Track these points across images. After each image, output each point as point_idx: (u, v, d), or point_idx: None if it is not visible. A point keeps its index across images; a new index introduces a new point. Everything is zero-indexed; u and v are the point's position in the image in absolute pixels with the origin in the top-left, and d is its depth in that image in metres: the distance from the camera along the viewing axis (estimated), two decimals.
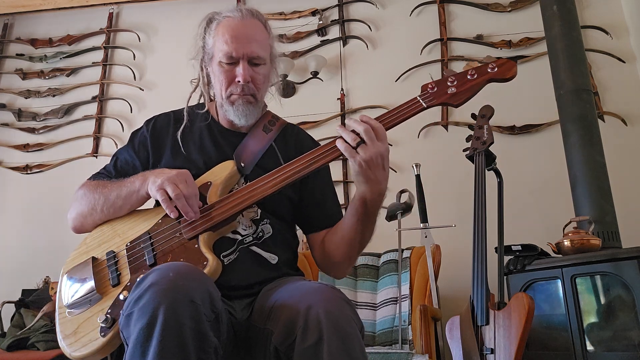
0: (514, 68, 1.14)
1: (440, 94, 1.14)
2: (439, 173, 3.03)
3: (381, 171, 1.07)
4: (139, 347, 0.83)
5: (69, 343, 1.05)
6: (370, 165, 1.04)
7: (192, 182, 1.11)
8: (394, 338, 2.27)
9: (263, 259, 1.18)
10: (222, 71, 1.22)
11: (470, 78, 1.14)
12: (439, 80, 1.16)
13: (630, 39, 3.19)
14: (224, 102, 1.25)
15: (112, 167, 1.29)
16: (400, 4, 3.52)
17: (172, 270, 0.89)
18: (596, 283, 2.11)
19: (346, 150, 1.05)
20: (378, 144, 1.04)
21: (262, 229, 1.20)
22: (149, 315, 0.83)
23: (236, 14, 1.24)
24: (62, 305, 1.13)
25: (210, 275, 1.01)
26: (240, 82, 1.21)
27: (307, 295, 0.97)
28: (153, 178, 1.11)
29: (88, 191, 1.22)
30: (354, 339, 0.91)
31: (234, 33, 1.21)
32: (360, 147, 1.04)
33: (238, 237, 1.17)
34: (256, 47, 1.22)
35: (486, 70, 1.15)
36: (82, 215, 1.22)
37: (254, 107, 1.25)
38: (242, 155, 1.24)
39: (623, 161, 2.87)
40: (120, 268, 1.11)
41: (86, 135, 3.62)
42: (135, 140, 1.31)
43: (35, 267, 3.19)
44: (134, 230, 1.16)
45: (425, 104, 1.14)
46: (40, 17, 3.99)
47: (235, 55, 1.20)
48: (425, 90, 1.16)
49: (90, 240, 1.21)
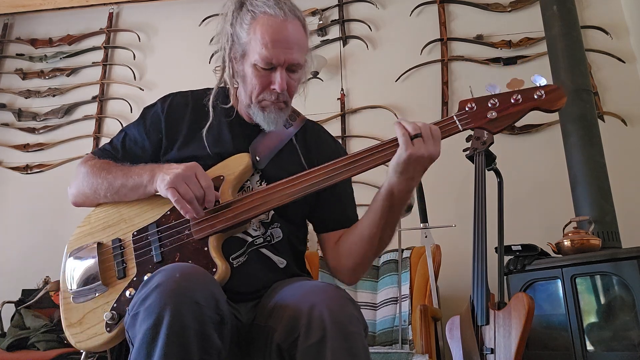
0: (563, 99, 1.04)
1: (479, 116, 1.05)
2: (439, 173, 3.01)
3: (420, 171, 1.04)
4: (145, 348, 0.83)
5: (74, 333, 1.07)
6: (417, 161, 1.01)
7: (203, 175, 1.06)
8: (394, 338, 2.27)
9: (272, 263, 1.16)
10: (256, 75, 1.12)
11: (514, 102, 1.05)
12: (479, 99, 1.06)
13: (630, 39, 3.19)
14: (254, 105, 1.16)
15: (119, 144, 1.23)
16: (400, 4, 3.52)
17: (179, 271, 0.89)
18: (596, 283, 2.11)
19: (403, 135, 1.00)
20: (433, 144, 1.01)
21: (272, 232, 1.17)
22: (154, 316, 0.83)
23: (277, 11, 1.11)
24: (66, 289, 1.12)
25: (219, 281, 1.00)
26: (277, 91, 1.13)
27: (310, 293, 0.97)
28: (162, 175, 1.06)
29: (91, 172, 1.17)
30: (357, 338, 0.90)
31: (276, 37, 1.09)
32: (417, 140, 1.00)
33: (248, 239, 1.14)
34: (297, 53, 1.12)
35: (533, 96, 1.05)
36: (84, 194, 1.19)
37: (284, 113, 1.18)
38: (258, 148, 1.18)
39: (623, 161, 2.87)
40: (126, 259, 1.09)
41: (86, 135, 3.62)
42: (147, 117, 1.23)
43: (35, 267, 3.19)
44: (141, 217, 1.13)
45: (461, 127, 1.06)
46: (40, 17, 3.99)
47: (275, 62, 1.10)
48: (463, 109, 1.07)
49: (94, 220, 1.18)
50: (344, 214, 1.23)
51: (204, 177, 1.06)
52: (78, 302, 1.09)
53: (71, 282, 1.11)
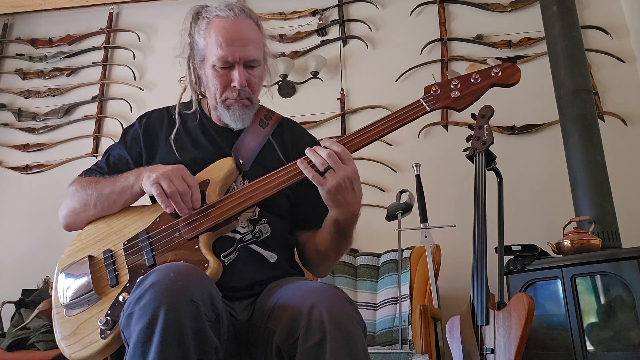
0: (518, 73, 1.13)
1: (443, 97, 1.13)
2: (439, 173, 3.03)
3: (351, 194, 1.05)
4: (140, 347, 0.83)
5: (69, 344, 1.05)
6: (339, 190, 1.03)
7: (189, 175, 1.10)
8: (394, 338, 2.27)
9: (262, 258, 1.18)
10: (216, 75, 1.19)
11: (473, 82, 1.14)
12: (442, 83, 1.15)
13: (630, 39, 3.19)
14: (219, 105, 1.22)
15: (104, 163, 1.27)
16: (400, 4, 3.52)
17: (173, 270, 0.89)
18: (596, 283, 2.11)
19: (314, 178, 1.03)
20: (344, 167, 1.03)
21: (260, 228, 1.19)
22: (149, 315, 0.83)
23: (228, 12, 1.19)
24: (59, 304, 1.11)
25: (211, 277, 1.00)
26: (237, 87, 1.18)
27: (309, 294, 0.97)
28: (148, 173, 1.10)
29: (80, 187, 1.20)
30: (356, 339, 0.91)
31: (229, 36, 1.16)
32: (328, 173, 1.03)
33: (237, 236, 1.16)
34: (252, 49, 1.18)
35: (490, 74, 1.14)
36: (74, 212, 1.20)
37: (249, 110, 1.23)
38: (240, 151, 1.22)
39: (623, 161, 2.87)
40: (118, 267, 1.09)
41: (86, 135, 3.62)
42: (127, 136, 1.29)
43: (35, 267, 3.19)
44: (130, 228, 1.15)
45: (428, 107, 1.13)
46: (40, 17, 3.99)
47: (231, 60, 1.16)
48: (428, 93, 1.15)
49: (85, 237, 1.18)
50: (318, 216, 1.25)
51: (190, 177, 1.10)
52: (71, 315, 1.08)
53: (64, 296, 1.10)
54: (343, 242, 1.18)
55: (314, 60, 3.37)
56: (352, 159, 1.06)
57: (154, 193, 1.06)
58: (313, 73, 3.37)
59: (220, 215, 1.09)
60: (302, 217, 1.27)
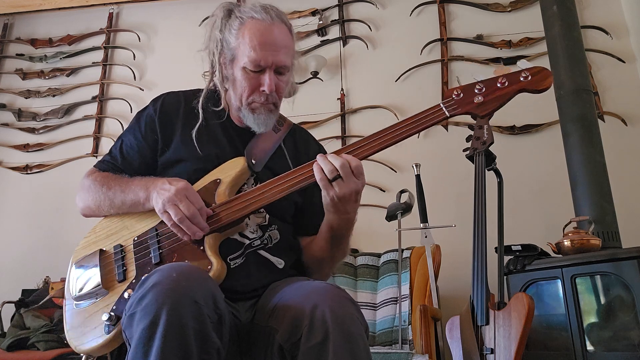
0: (549, 78, 1.05)
1: (466, 102, 1.07)
2: (439, 173, 3.03)
3: (353, 205, 1.05)
4: (142, 347, 0.83)
5: (75, 336, 1.07)
6: (342, 200, 1.03)
7: (194, 195, 1.07)
8: (394, 338, 2.27)
9: (270, 263, 1.17)
10: (246, 77, 1.16)
11: (500, 86, 1.06)
12: (466, 86, 1.08)
13: (630, 39, 3.19)
14: (244, 108, 1.20)
15: (117, 152, 1.25)
16: (400, 4, 3.52)
17: (176, 271, 0.89)
18: (596, 283, 2.11)
19: (322, 180, 1.02)
20: (355, 180, 1.02)
21: (270, 234, 1.18)
22: (151, 315, 0.83)
23: (265, 16, 1.16)
24: (69, 295, 1.14)
25: (214, 279, 1.01)
26: (266, 92, 1.16)
27: (312, 294, 0.97)
28: (155, 195, 1.08)
29: (93, 187, 1.19)
30: (359, 339, 0.91)
31: (264, 40, 1.14)
32: (336, 182, 1.01)
33: (246, 241, 1.15)
34: (284, 55, 1.16)
35: (518, 78, 1.06)
36: (89, 208, 1.21)
37: (273, 115, 1.22)
38: (254, 151, 1.21)
39: (623, 161, 2.87)
40: (127, 263, 1.10)
41: (86, 135, 3.62)
42: (141, 121, 1.25)
43: (35, 267, 3.19)
44: (141, 223, 1.15)
45: (448, 113, 1.07)
46: (40, 17, 3.99)
47: (263, 64, 1.14)
48: (449, 97, 1.09)
49: (99, 230, 1.20)
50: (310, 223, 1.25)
51: (194, 197, 1.07)
52: (80, 307, 1.10)
53: (74, 288, 1.13)
54: (337, 248, 1.18)
55: (314, 60, 3.37)
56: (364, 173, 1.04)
57: (166, 223, 1.06)
58: (313, 73, 3.37)
59: (228, 217, 1.08)
60: (304, 222, 1.27)
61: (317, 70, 3.37)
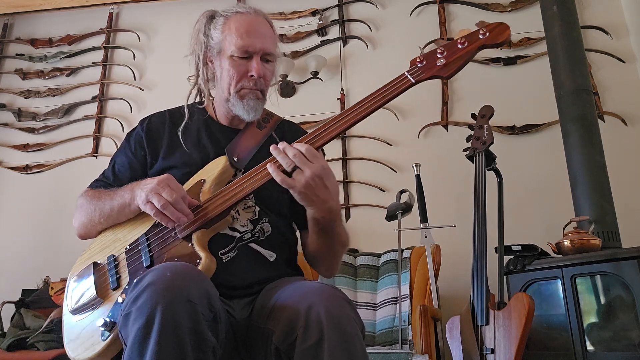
0: (507, 31, 1.08)
1: (429, 66, 1.09)
2: (439, 173, 3.03)
3: (323, 190, 1.03)
4: (137, 347, 0.83)
5: (73, 347, 1.08)
6: (309, 189, 1.02)
7: (176, 184, 1.08)
8: (394, 338, 2.27)
9: (261, 256, 1.18)
10: (234, 65, 1.21)
11: (460, 47, 1.09)
12: (427, 53, 1.11)
13: (630, 39, 3.19)
14: (232, 96, 1.23)
15: (110, 173, 1.30)
16: (400, 4, 3.52)
17: (170, 270, 0.89)
18: (596, 283, 2.11)
19: (283, 181, 1.02)
20: (310, 164, 1.01)
21: (262, 227, 1.20)
22: (146, 314, 0.83)
23: (248, 9, 1.26)
24: (67, 311, 1.15)
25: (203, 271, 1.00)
26: (254, 77, 1.21)
27: (308, 295, 0.97)
28: (139, 191, 1.09)
29: (86, 202, 1.23)
30: (354, 339, 0.91)
31: (249, 28, 1.21)
32: (296, 173, 1.02)
33: (236, 235, 1.16)
34: (269, 43, 1.23)
35: (477, 36, 1.09)
36: (83, 225, 1.24)
37: (261, 103, 1.26)
38: (235, 149, 1.23)
39: (623, 161, 2.87)
40: (120, 271, 1.11)
41: (86, 135, 3.62)
42: (130, 140, 1.31)
43: (35, 267, 3.19)
44: (132, 233, 1.16)
45: (413, 80, 1.09)
46: (40, 17, 3.99)
47: (250, 50, 1.20)
48: (414, 65, 1.11)
49: (94, 246, 1.23)
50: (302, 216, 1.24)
51: (176, 185, 1.08)
52: (77, 320, 1.11)
53: (71, 302, 1.14)
54: (331, 239, 1.17)
55: (314, 60, 3.37)
56: (319, 155, 1.04)
57: (149, 213, 1.07)
58: (313, 73, 3.37)
59: (212, 211, 1.09)
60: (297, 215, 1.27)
61: (317, 70, 3.37)
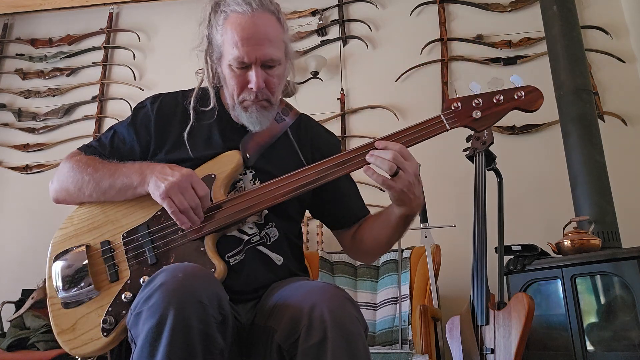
0: (540, 100, 1.10)
1: (464, 115, 1.10)
2: (439, 173, 3.02)
3: (418, 187, 1.06)
4: (148, 347, 0.83)
5: (68, 339, 1.04)
6: (410, 188, 1.03)
7: (198, 183, 1.04)
8: (394, 338, 2.27)
9: (270, 260, 1.16)
10: (233, 75, 1.12)
11: (496, 102, 1.10)
12: (465, 99, 1.11)
13: (630, 39, 3.19)
14: (237, 106, 1.16)
15: (107, 141, 1.19)
16: (400, 4, 3.52)
17: (182, 271, 0.89)
18: (596, 283, 2.11)
19: (384, 183, 1.01)
20: (410, 164, 1.02)
21: (268, 232, 1.17)
22: (158, 315, 0.83)
23: (245, 7, 1.10)
24: (54, 294, 1.09)
25: None
26: (254, 90, 1.12)
27: (310, 294, 0.96)
28: (155, 180, 1.03)
29: (77, 168, 1.14)
30: (357, 338, 0.90)
31: (244, 34, 1.09)
32: (397, 177, 1.01)
33: (244, 237, 1.13)
34: (269, 48, 1.10)
35: (513, 96, 1.10)
36: (66, 191, 1.16)
37: (268, 112, 1.17)
38: (248, 145, 1.17)
39: (623, 161, 2.87)
40: (118, 262, 1.08)
41: (86, 136, 3.62)
42: (137, 118, 1.21)
43: (35, 267, 3.17)
44: (129, 218, 1.11)
45: (448, 126, 1.10)
46: (40, 17, 3.99)
47: (247, 61, 1.09)
48: (449, 108, 1.11)
49: (77, 222, 1.14)
50: (354, 211, 1.26)
51: (199, 186, 1.04)
52: (69, 308, 1.06)
53: (59, 287, 1.08)
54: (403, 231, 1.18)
55: (314, 60, 3.37)
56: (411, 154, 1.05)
57: (167, 209, 1.02)
58: (313, 73, 3.37)
59: (227, 219, 1.06)
60: (338, 214, 1.26)
61: (317, 70, 3.37)
